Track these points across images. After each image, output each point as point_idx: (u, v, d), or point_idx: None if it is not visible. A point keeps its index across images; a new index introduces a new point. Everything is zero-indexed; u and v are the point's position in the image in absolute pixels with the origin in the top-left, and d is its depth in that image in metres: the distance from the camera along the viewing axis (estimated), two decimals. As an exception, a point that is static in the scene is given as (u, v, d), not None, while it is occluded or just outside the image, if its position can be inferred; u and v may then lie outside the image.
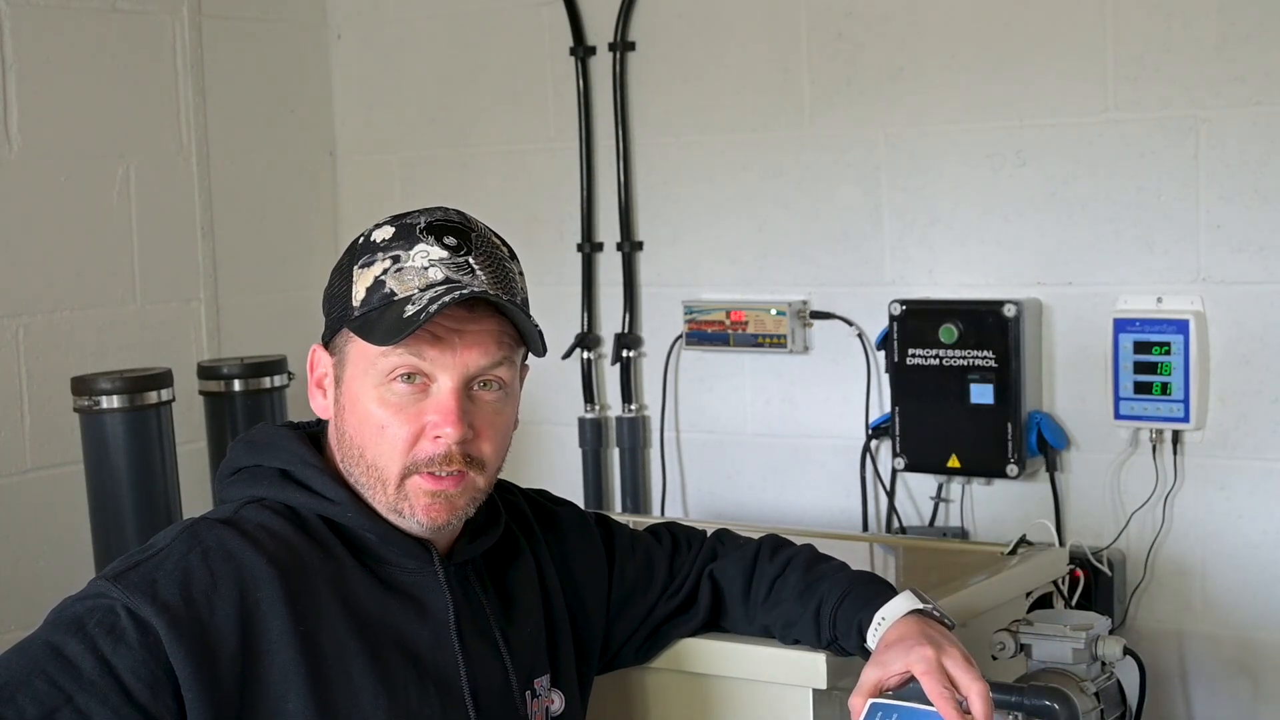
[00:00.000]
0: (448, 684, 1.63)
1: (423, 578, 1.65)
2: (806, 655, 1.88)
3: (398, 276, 1.59)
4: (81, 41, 2.92)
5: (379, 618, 1.61)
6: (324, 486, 1.63)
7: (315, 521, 1.63)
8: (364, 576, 1.62)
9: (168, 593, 1.51)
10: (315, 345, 1.67)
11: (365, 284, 1.60)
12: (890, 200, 2.76)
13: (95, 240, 2.94)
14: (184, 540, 1.57)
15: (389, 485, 1.61)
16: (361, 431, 1.61)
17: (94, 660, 1.47)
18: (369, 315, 1.59)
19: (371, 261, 1.60)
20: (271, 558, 1.57)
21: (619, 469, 3.08)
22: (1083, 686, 2.02)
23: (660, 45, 2.98)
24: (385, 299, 1.58)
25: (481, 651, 1.67)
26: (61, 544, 2.78)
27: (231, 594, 1.53)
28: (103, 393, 2.42)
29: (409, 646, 1.62)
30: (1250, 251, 2.46)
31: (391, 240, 1.61)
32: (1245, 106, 2.44)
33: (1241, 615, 2.51)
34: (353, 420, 1.62)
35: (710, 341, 2.93)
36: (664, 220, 3.01)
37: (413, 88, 3.29)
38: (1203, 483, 2.53)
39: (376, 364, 1.59)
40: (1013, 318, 2.58)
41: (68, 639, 1.48)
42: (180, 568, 1.53)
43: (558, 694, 1.75)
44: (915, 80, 2.71)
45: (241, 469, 1.68)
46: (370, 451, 1.61)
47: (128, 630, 1.48)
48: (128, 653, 1.47)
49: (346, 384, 1.62)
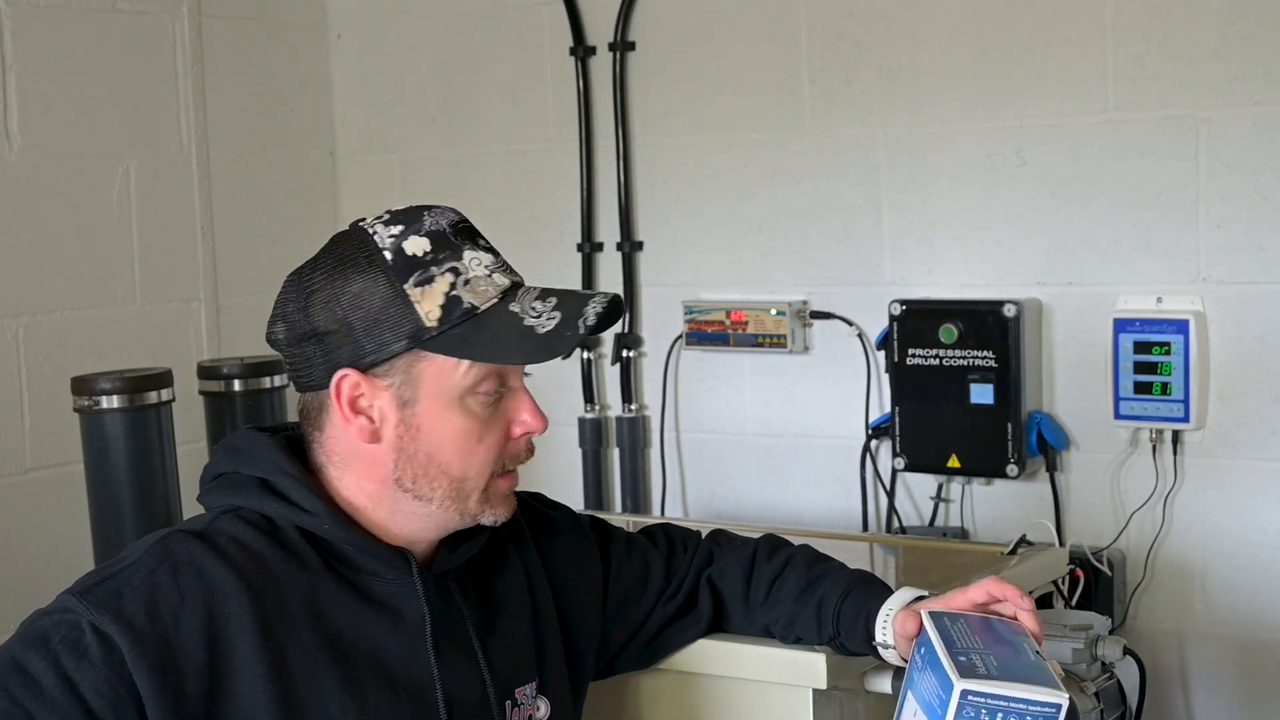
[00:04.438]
0: (421, 695, 1.62)
1: (400, 588, 1.63)
2: (807, 655, 1.88)
3: (469, 289, 1.58)
4: (81, 41, 2.92)
5: (352, 630, 1.60)
6: (301, 497, 1.61)
7: (291, 532, 1.61)
8: (339, 588, 1.61)
9: (133, 609, 1.50)
10: (343, 372, 1.58)
11: (436, 301, 1.56)
12: (890, 200, 2.76)
13: (95, 240, 2.94)
14: (154, 554, 1.55)
15: (476, 494, 1.62)
16: (447, 448, 1.60)
17: (55, 677, 1.46)
18: (453, 332, 1.56)
19: (429, 278, 1.57)
20: (242, 573, 1.55)
21: (619, 469, 3.08)
22: (1083, 686, 2.02)
23: (660, 45, 2.98)
24: (467, 313, 1.57)
25: (458, 662, 1.65)
26: (61, 544, 2.78)
27: (198, 610, 1.52)
28: (103, 393, 2.42)
29: (382, 659, 1.61)
30: (1250, 251, 2.46)
31: (434, 251, 1.58)
32: (1245, 106, 2.44)
33: (1241, 615, 2.51)
34: (434, 439, 1.59)
35: (710, 341, 2.93)
36: (664, 220, 3.01)
37: (413, 88, 3.29)
38: (1203, 483, 2.53)
39: (462, 379, 1.58)
40: (1013, 318, 2.58)
41: (31, 655, 1.48)
42: (147, 584, 1.52)
43: (544, 701, 1.74)
44: (915, 80, 2.71)
45: (222, 474, 1.66)
46: (458, 466, 1.60)
47: (91, 647, 1.47)
48: (90, 670, 1.47)
49: (422, 404, 1.59)
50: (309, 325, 1.60)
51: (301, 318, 1.60)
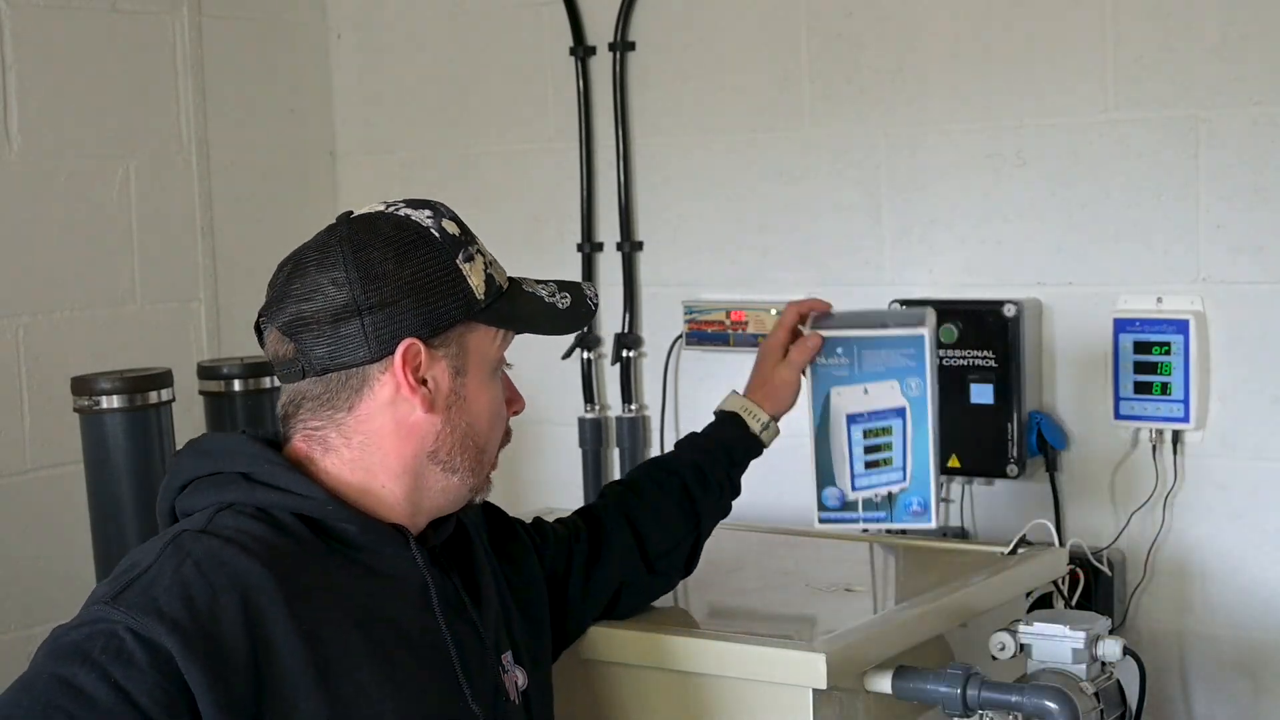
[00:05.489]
0: (438, 661, 1.65)
1: (401, 563, 1.66)
2: (806, 655, 1.89)
3: (495, 269, 1.70)
4: (81, 41, 2.92)
5: (371, 604, 1.62)
6: (295, 483, 1.62)
7: (290, 519, 1.61)
8: (349, 568, 1.63)
9: (172, 609, 1.48)
10: (409, 341, 1.61)
11: (480, 277, 1.66)
12: (890, 200, 2.76)
13: (95, 240, 2.94)
14: (171, 554, 1.54)
15: (488, 469, 1.74)
16: (484, 419, 1.69)
17: (107, 688, 1.43)
18: (496, 307, 1.67)
19: (472, 255, 1.66)
20: (261, 559, 1.55)
21: (619, 469, 3.08)
22: (1083, 686, 2.02)
23: (660, 45, 2.98)
24: (499, 291, 1.69)
25: (463, 629, 1.69)
26: (61, 544, 2.78)
27: (233, 601, 1.51)
28: (103, 393, 2.42)
29: (403, 629, 1.63)
30: (1250, 251, 2.46)
31: (462, 235, 1.68)
32: (1245, 106, 2.44)
33: (1241, 615, 2.51)
34: (474, 409, 1.68)
35: (710, 341, 2.93)
36: (664, 220, 3.01)
37: (413, 88, 3.29)
38: (1203, 483, 2.53)
39: (494, 352, 1.70)
40: (1013, 318, 2.58)
41: (75, 669, 1.45)
42: (177, 581, 1.51)
43: (520, 670, 1.78)
44: (915, 80, 2.71)
45: (195, 479, 1.65)
46: (485, 436, 1.70)
47: (135, 653, 1.45)
48: (140, 676, 1.44)
49: (470, 376, 1.67)
50: (364, 299, 1.60)
51: (352, 293, 1.61)
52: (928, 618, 2.12)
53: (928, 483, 2.14)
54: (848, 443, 2.15)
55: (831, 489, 2.16)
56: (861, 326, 2.14)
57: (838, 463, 2.16)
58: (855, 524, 2.18)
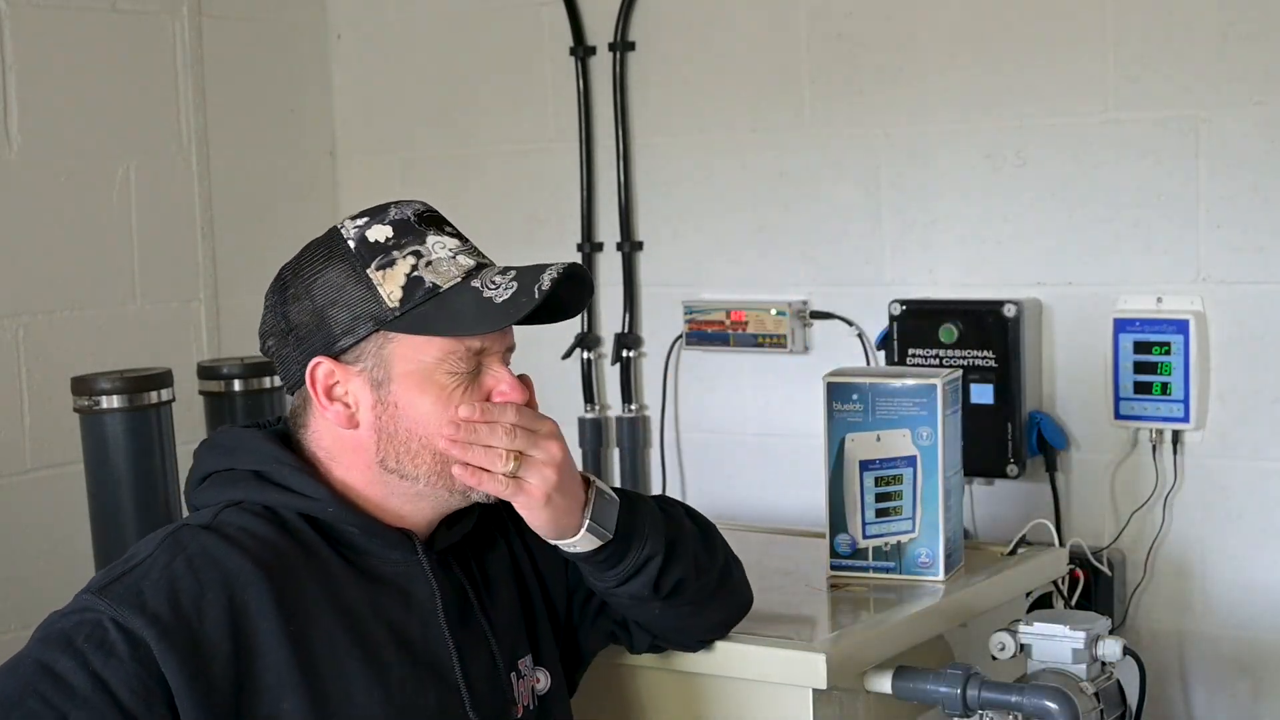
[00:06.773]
0: (441, 671, 1.65)
1: (408, 568, 1.66)
2: (807, 655, 1.89)
3: (431, 270, 1.61)
4: (81, 41, 2.92)
5: (369, 610, 1.62)
6: (302, 484, 1.63)
7: (295, 520, 1.63)
8: (349, 571, 1.63)
9: (155, 603, 1.50)
10: (316, 361, 1.63)
11: (397, 283, 1.60)
12: (890, 200, 2.76)
13: (95, 240, 2.94)
14: (167, 548, 1.56)
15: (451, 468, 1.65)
16: (425, 423, 1.61)
17: (85, 676, 1.47)
18: (418, 311, 1.60)
19: (390, 261, 1.61)
20: (256, 559, 1.57)
21: (619, 469, 3.08)
22: (1082, 686, 2.02)
23: (660, 45, 2.98)
24: (429, 292, 1.60)
25: (469, 636, 1.68)
26: (61, 544, 2.77)
27: (219, 599, 1.53)
28: (103, 393, 2.42)
29: (401, 636, 1.63)
30: (1250, 251, 2.46)
31: (396, 237, 1.62)
32: (1245, 106, 2.44)
33: (1241, 615, 2.51)
34: (411, 415, 1.62)
35: (710, 341, 2.93)
36: (664, 220, 3.01)
37: (413, 88, 3.29)
38: (1203, 483, 2.53)
39: (430, 355, 1.61)
40: (1013, 318, 2.58)
41: (58, 656, 1.48)
42: (166, 576, 1.53)
43: (543, 672, 1.77)
44: (915, 80, 2.71)
45: (212, 474, 1.68)
46: (434, 440, 1.62)
47: (117, 643, 1.48)
48: (119, 666, 1.47)
49: (396, 384, 1.62)
50: (287, 324, 1.65)
51: (280, 319, 1.66)
52: (928, 618, 2.12)
53: (937, 534, 2.18)
54: (859, 489, 2.20)
55: (844, 535, 2.22)
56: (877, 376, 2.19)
57: (850, 509, 2.22)
58: (865, 573, 2.22)
